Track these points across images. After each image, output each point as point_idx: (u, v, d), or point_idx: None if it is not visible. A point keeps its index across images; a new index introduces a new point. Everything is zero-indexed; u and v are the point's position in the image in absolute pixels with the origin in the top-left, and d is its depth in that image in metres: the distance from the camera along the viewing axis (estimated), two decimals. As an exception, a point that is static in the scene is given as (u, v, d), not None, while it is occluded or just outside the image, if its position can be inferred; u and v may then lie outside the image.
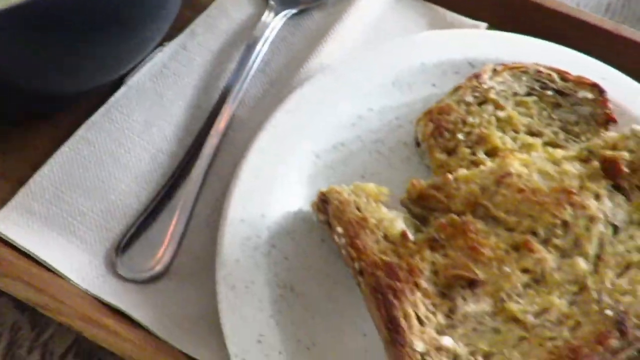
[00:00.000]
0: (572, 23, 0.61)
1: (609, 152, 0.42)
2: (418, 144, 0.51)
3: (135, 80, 0.56)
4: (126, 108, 0.55)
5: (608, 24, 0.61)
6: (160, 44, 0.58)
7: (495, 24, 0.62)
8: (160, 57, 0.58)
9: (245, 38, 0.59)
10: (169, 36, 0.58)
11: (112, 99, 0.55)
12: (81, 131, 0.53)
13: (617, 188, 0.42)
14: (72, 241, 0.48)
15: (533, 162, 0.42)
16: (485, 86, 0.49)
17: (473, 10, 0.63)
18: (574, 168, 0.42)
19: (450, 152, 0.47)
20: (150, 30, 0.52)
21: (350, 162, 0.51)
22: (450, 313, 0.37)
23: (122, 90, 0.55)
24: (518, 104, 0.49)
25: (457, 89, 0.49)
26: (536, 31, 0.59)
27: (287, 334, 0.43)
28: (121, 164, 0.52)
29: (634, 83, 0.53)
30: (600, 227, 0.40)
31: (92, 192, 0.51)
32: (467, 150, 0.46)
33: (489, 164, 0.44)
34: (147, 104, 0.55)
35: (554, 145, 0.46)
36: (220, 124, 0.54)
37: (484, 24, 0.62)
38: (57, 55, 0.46)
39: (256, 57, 0.57)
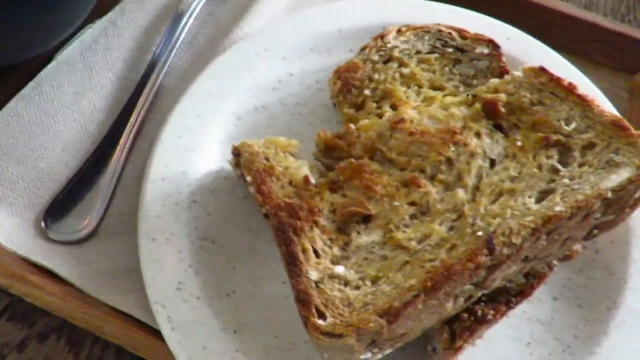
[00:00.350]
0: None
1: (489, 95, 0.45)
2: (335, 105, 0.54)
3: (65, 55, 0.58)
4: (56, 81, 0.56)
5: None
6: (91, 22, 0.60)
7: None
8: (90, 33, 0.59)
9: (173, 14, 0.62)
10: (100, 14, 0.60)
11: (42, 73, 0.56)
12: (10, 104, 0.55)
13: (498, 127, 0.45)
14: (2, 207, 0.50)
15: (425, 109, 0.45)
16: (389, 45, 0.52)
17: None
18: (459, 111, 0.45)
19: (359, 107, 0.50)
20: (74, 4, 0.54)
21: (272, 124, 0.54)
22: (345, 246, 0.40)
23: (52, 64, 0.57)
24: (421, 61, 0.52)
25: (363, 49, 0.52)
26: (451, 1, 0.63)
27: (207, 281, 0.45)
28: (51, 134, 0.54)
29: (535, 41, 0.57)
30: (479, 161, 0.43)
31: (21, 161, 0.52)
32: (374, 105, 0.49)
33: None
34: (76, 77, 0.57)
35: (454, 96, 0.49)
36: (148, 93, 0.56)
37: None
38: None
39: (182, 30, 0.60)
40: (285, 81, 0.56)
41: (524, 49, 0.54)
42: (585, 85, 0.52)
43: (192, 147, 0.51)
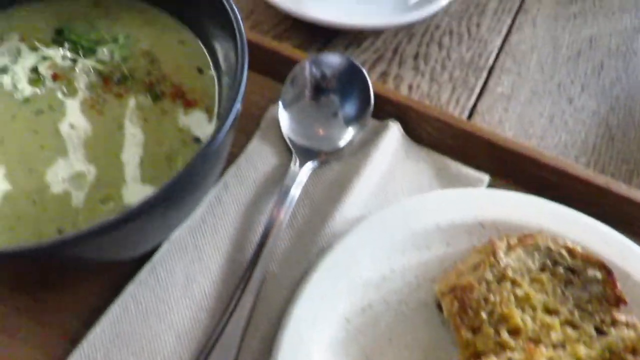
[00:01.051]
0: (565, 176, 0.68)
1: (630, 357, 0.47)
2: (439, 306, 0.56)
3: (176, 235, 0.61)
4: (169, 264, 0.60)
5: (599, 179, 0.67)
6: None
7: (496, 175, 0.69)
8: (199, 211, 0.63)
9: (271, 190, 0.65)
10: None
11: (157, 256, 0.60)
12: (130, 288, 0.58)
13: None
14: (125, 403, 0.52)
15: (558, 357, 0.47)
16: (502, 263, 0.54)
17: (476, 162, 0.70)
18: None
19: (475, 330, 0.52)
20: (195, 203, 0.57)
21: (377, 325, 0.56)
22: None
23: (165, 246, 0.60)
24: (533, 280, 0.54)
25: (477, 267, 0.55)
26: (532, 183, 0.66)
27: None
28: (165, 323, 0.57)
29: (635, 246, 0.59)
30: None
31: (139, 353, 0.55)
32: (491, 330, 0.51)
33: (512, 345, 0.49)
34: (187, 259, 0.60)
35: (571, 324, 0.52)
36: (255, 281, 0.58)
37: (486, 175, 0.69)
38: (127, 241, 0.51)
39: (287, 210, 0.62)
40: (388, 278, 0.59)
41: (624, 257, 0.57)
42: None
43: (308, 352, 0.53)
